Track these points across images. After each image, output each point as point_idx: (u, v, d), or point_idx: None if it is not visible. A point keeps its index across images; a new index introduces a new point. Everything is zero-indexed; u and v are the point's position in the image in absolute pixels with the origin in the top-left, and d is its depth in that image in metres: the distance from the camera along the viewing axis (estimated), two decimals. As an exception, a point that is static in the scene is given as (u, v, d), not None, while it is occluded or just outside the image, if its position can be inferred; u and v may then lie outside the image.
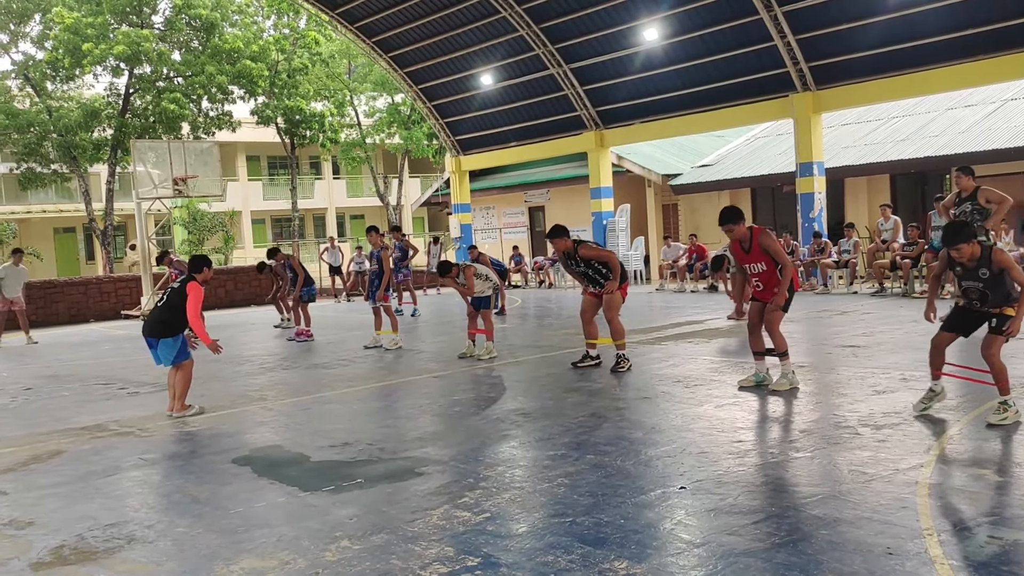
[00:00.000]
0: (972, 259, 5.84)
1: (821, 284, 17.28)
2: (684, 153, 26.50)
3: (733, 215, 7.47)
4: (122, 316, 21.74)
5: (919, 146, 19.90)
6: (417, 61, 25.57)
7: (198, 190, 21.93)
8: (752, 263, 7.48)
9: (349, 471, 5.70)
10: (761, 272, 7.45)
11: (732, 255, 7.78)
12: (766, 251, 7.35)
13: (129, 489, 5.70)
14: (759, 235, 7.39)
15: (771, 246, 7.34)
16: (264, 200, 44.60)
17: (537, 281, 24.62)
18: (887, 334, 10.45)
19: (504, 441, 6.37)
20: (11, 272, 15.95)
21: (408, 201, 40.54)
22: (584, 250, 9.06)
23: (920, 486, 4.67)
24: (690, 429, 6.32)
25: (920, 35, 16.56)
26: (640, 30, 20.43)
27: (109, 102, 29.37)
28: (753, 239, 7.40)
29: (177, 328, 7.87)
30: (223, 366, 11.33)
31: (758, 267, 7.45)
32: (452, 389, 8.74)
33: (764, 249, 7.35)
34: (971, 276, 5.93)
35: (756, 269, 7.47)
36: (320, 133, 33.87)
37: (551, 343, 11.88)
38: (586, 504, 4.70)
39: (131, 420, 7.96)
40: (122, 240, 39.52)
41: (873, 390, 7.23)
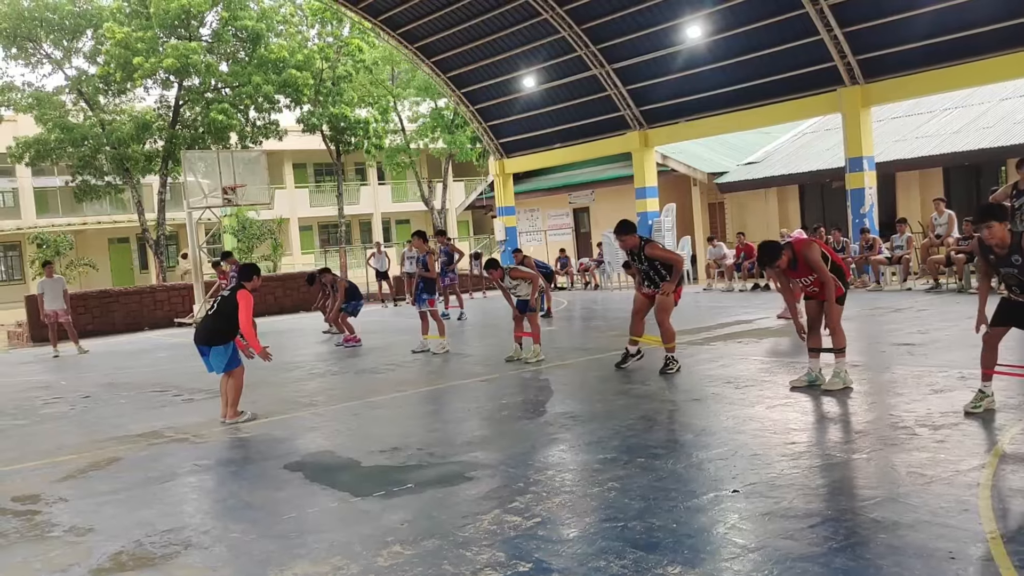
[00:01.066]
0: (1003, 245, 5.71)
1: (873, 281, 16.95)
2: (730, 151, 26.20)
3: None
4: (175, 324, 22.17)
5: (973, 138, 19.43)
6: (459, 65, 25.67)
7: (247, 199, 22.27)
8: (801, 277, 7.41)
9: (399, 476, 5.73)
10: (814, 280, 7.37)
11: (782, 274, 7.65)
12: (809, 263, 7.25)
13: (185, 495, 5.79)
14: (800, 251, 7.28)
15: (810, 256, 7.23)
16: (311, 207, 45.15)
17: (583, 283, 24.55)
18: (943, 331, 10.21)
19: (553, 445, 6.35)
20: (48, 285, 16.39)
21: (453, 205, 40.73)
22: (651, 249, 9.00)
23: (981, 488, 4.54)
24: (742, 431, 6.23)
25: (969, 25, 16.15)
26: (682, 28, 20.26)
27: (160, 114, 30.00)
28: (798, 256, 7.29)
29: (228, 336, 7.99)
30: (273, 372, 11.48)
31: (807, 279, 7.39)
32: (500, 393, 8.75)
33: (807, 262, 7.26)
34: (1005, 263, 5.81)
35: (806, 281, 7.42)
36: (365, 139, 34.18)
37: (598, 345, 11.82)
38: (637, 508, 4.65)
39: (186, 426, 8.10)
40: (174, 249, 40.27)
41: (930, 389, 7.06)
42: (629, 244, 9.05)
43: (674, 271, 8.91)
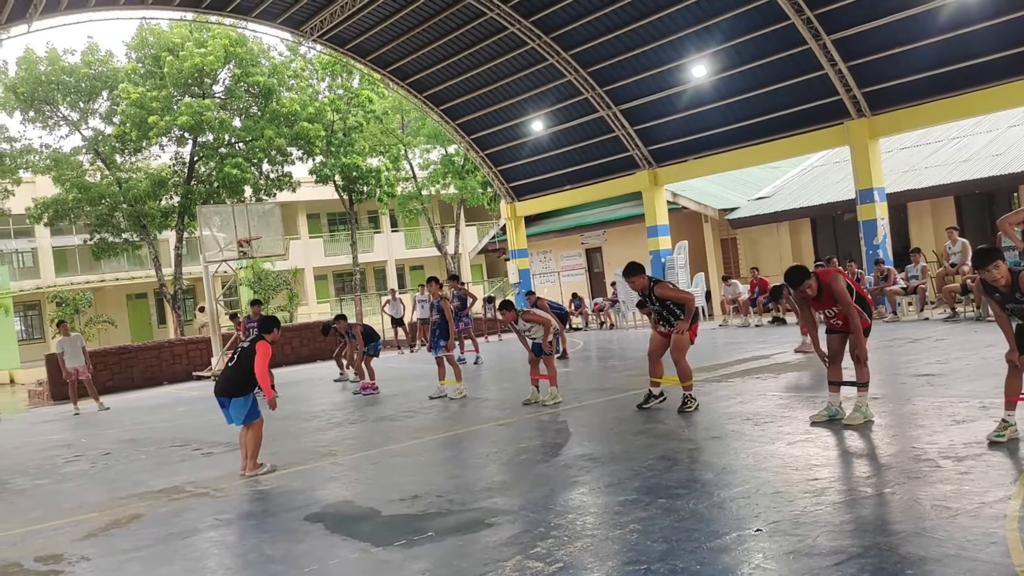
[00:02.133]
0: (1007, 284, 5.72)
1: (890, 312, 16.86)
2: (740, 186, 26.29)
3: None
4: (194, 377, 22.26)
5: (983, 165, 19.43)
6: (468, 112, 26.00)
7: (262, 251, 22.47)
8: (826, 309, 7.41)
9: (420, 524, 5.71)
10: (837, 313, 7.36)
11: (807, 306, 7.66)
12: (833, 293, 7.25)
13: (206, 550, 5.79)
14: (825, 282, 7.30)
15: (836, 288, 7.24)
16: (325, 256, 45.48)
17: (598, 323, 24.52)
18: (962, 360, 10.13)
19: (573, 488, 6.32)
20: (66, 343, 16.57)
21: (466, 249, 40.95)
22: (660, 290, 9.03)
23: (1009, 519, 4.48)
24: (763, 468, 6.18)
25: (973, 54, 16.26)
26: (688, 67, 20.48)
27: (175, 171, 30.47)
28: (823, 286, 7.30)
29: (248, 388, 8.04)
30: (292, 423, 11.51)
31: (832, 311, 7.37)
32: (518, 436, 8.72)
33: (832, 292, 7.26)
34: (1010, 300, 5.84)
35: (831, 313, 7.40)
36: (377, 188, 34.54)
37: (616, 385, 11.78)
38: (660, 550, 4.62)
39: (206, 481, 8.11)
40: (191, 303, 40.61)
41: (952, 420, 7.00)
42: (639, 286, 9.08)
43: (686, 310, 8.92)
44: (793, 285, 7.41)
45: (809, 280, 7.33)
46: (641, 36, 20.51)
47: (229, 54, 29.43)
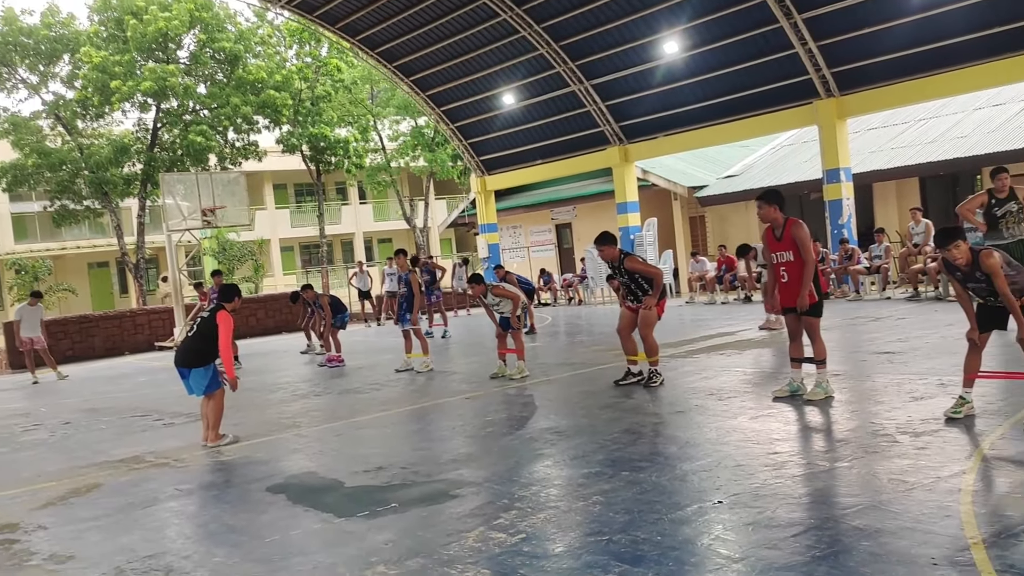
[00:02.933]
0: (967, 263, 5.81)
1: (853, 291, 17.07)
2: (709, 164, 26.40)
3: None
4: (156, 348, 22.01)
5: (948, 147, 19.67)
6: (439, 83, 25.77)
7: (226, 220, 22.21)
8: (781, 251, 7.49)
9: (384, 496, 5.70)
10: (788, 262, 7.45)
11: (764, 243, 7.77)
12: (795, 241, 7.34)
13: (166, 520, 5.74)
14: (792, 225, 7.40)
15: (801, 237, 7.33)
16: (292, 227, 45.05)
17: (567, 298, 24.59)
18: (922, 339, 10.29)
19: (538, 460, 6.34)
20: (27, 312, 16.33)
21: (435, 223, 40.75)
22: (630, 262, 9.06)
23: (963, 493, 4.57)
24: (725, 442, 6.25)
25: (943, 36, 16.38)
26: (660, 43, 20.44)
27: (138, 137, 29.92)
28: (786, 227, 7.41)
29: (209, 357, 7.94)
30: (256, 394, 11.43)
31: (786, 255, 7.45)
32: (484, 410, 8.73)
33: (793, 238, 7.35)
34: (971, 279, 5.93)
35: (783, 258, 7.48)
36: (345, 159, 34.20)
37: (583, 360, 11.83)
38: (622, 522, 4.65)
39: (167, 451, 8.03)
40: (154, 272, 40.07)
41: (910, 396, 7.11)
42: (608, 255, 9.09)
43: (654, 285, 8.96)
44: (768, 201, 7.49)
45: (777, 216, 7.46)
46: (614, 10, 20.40)
47: (194, 19, 28.87)
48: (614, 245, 9.11)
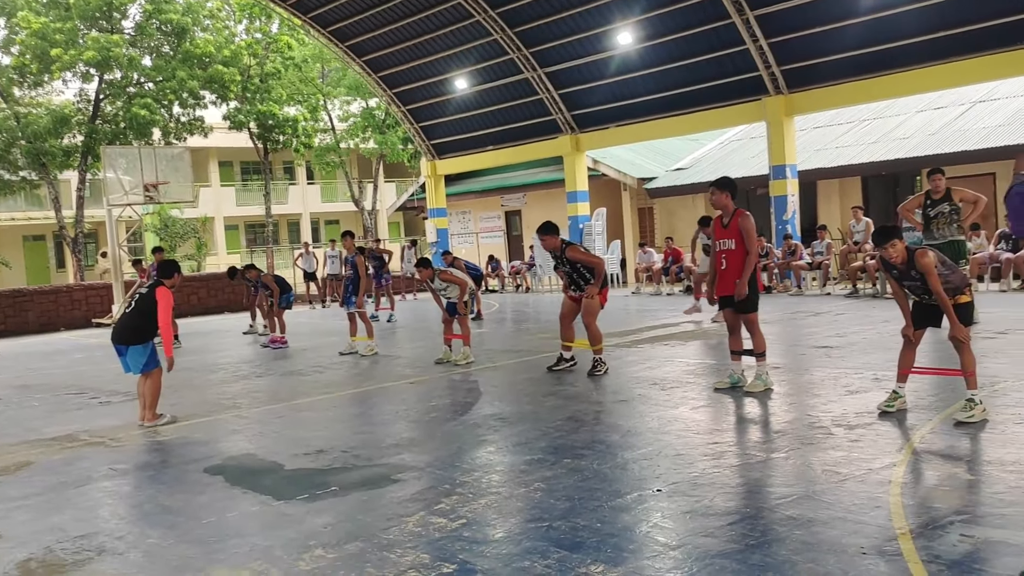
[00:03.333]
0: (903, 262, 5.97)
1: (795, 286, 17.40)
2: (659, 157, 26.62)
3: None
4: (93, 324, 21.49)
5: (890, 148, 20.12)
6: (391, 65, 25.51)
7: (169, 196, 21.75)
8: (726, 239, 7.62)
9: (324, 479, 5.65)
10: (730, 250, 7.57)
11: (712, 230, 7.88)
12: (740, 231, 7.48)
13: (99, 500, 5.61)
14: (740, 215, 7.53)
15: (747, 228, 7.46)
16: (237, 206, 44.26)
17: (514, 285, 24.62)
18: (860, 335, 10.54)
19: (481, 446, 6.35)
20: None
21: (383, 206, 40.41)
22: (572, 252, 9.13)
23: (893, 485, 4.70)
24: (666, 432, 6.32)
25: (892, 38, 16.72)
26: (614, 34, 20.51)
27: (79, 108, 29.06)
28: (734, 216, 7.54)
29: (146, 334, 7.78)
30: (196, 374, 11.24)
31: (729, 243, 7.58)
32: (429, 395, 8.71)
33: (739, 228, 7.48)
34: (906, 277, 6.09)
35: (726, 245, 7.60)
36: (293, 138, 33.69)
37: (528, 347, 11.87)
38: (563, 508, 4.68)
39: (102, 430, 7.86)
40: (93, 247, 39.07)
41: (846, 390, 7.28)
42: (550, 245, 9.17)
43: (596, 274, 9.04)
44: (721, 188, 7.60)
45: (728, 203, 7.58)
46: (569, -1, 20.43)
47: (141, -12, 28.10)
48: (556, 235, 9.18)
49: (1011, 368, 7.60)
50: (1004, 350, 8.60)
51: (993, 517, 4.13)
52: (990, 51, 15.62)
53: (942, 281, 5.91)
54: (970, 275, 12.48)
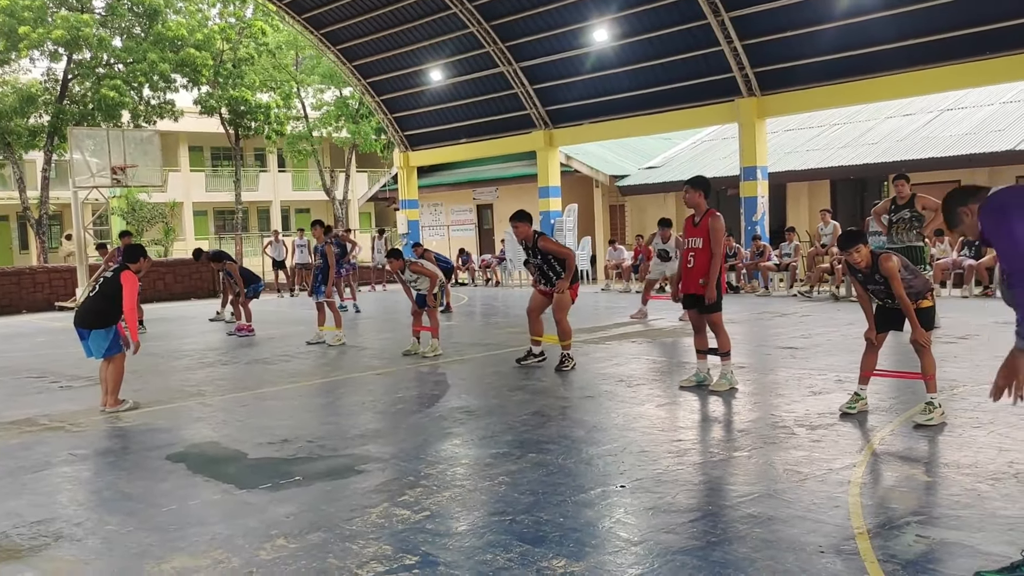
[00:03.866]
0: (867, 266, 6.06)
1: (762, 287, 17.57)
2: (632, 155, 26.72)
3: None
4: (56, 308, 21.16)
5: (859, 153, 20.37)
6: (366, 54, 25.35)
7: (137, 180, 21.47)
8: (694, 237, 7.67)
9: (287, 468, 5.62)
10: (697, 249, 7.62)
11: (683, 228, 7.92)
12: (709, 230, 7.52)
13: (58, 485, 5.53)
14: (710, 215, 7.57)
15: (715, 228, 7.49)
16: (207, 192, 43.79)
17: (484, 279, 24.61)
18: (824, 336, 10.67)
19: (447, 439, 6.34)
20: None
21: (355, 196, 40.18)
22: (543, 242, 9.15)
23: (852, 485, 4.77)
24: (631, 428, 6.36)
25: (865, 44, 16.90)
26: (590, 31, 20.54)
27: (46, 87, 28.54)
28: (705, 216, 7.58)
29: (110, 319, 7.68)
30: (160, 360, 11.11)
31: (697, 242, 7.63)
32: (396, 386, 8.69)
33: (708, 228, 7.52)
34: (870, 281, 6.17)
35: (695, 244, 7.66)
36: (265, 125, 33.34)
37: (497, 341, 11.87)
38: (527, 502, 4.70)
39: (62, 414, 7.75)
40: (57, 229, 38.47)
41: (809, 391, 7.37)
42: (523, 233, 9.17)
43: (567, 266, 9.05)
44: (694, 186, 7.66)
45: (700, 202, 7.63)
46: (547, -6, 20.42)
47: (113, -32, 27.65)
48: (529, 224, 9.20)
49: (970, 373, 7.74)
50: (963, 355, 8.75)
51: (949, 519, 4.21)
52: (959, 60, 15.87)
53: (905, 286, 6.00)
54: (933, 280, 12.69)
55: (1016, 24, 15.02)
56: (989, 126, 18.96)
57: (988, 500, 4.43)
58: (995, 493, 4.53)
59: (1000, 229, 3.35)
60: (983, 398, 6.71)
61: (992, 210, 3.40)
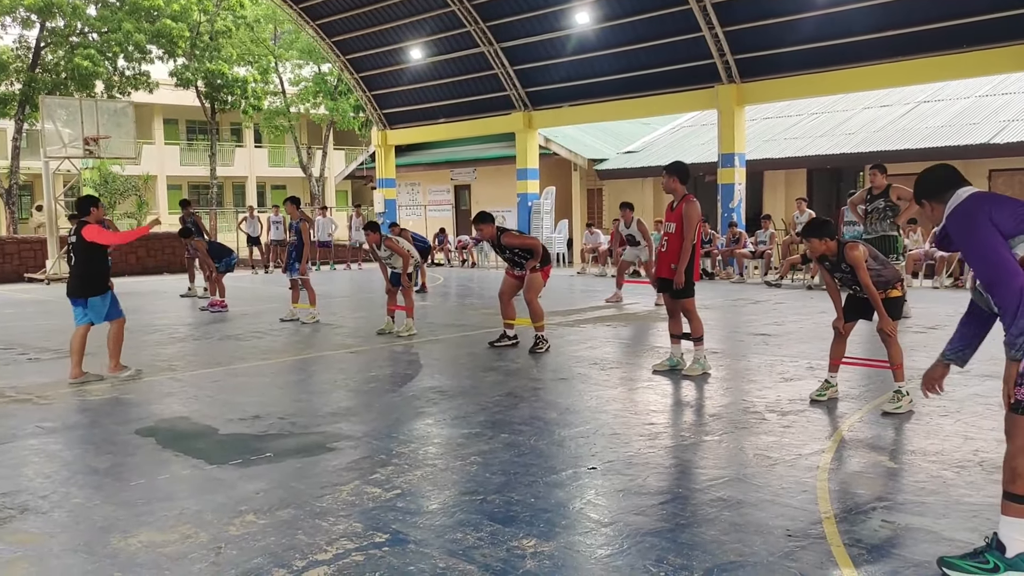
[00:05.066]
0: (834, 254, 6.11)
1: (737, 274, 17.67)
2: (610, 139, 26.71)
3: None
4: (25, 279, 20.86)
5: (836, 143, 20.49)
6: (346, 31, 25.08)
7: (110, 151, 21.17)
8: (669, 221, 7.70)
9: (258, 445, 5.59)
10: (670, 234, 7.64)
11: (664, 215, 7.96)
12: (682, 216, 7.52)
13: (25, 458, 5.47)
14: (686, 201, 7.56)
15: (688, 214, 7.49)
16: (181, 165, 43.27)
17: (460, 260, 24.56)
18: (797, 323, 10.76)
19: (419, 418, 6.34)
20: None
21: (332, 173, 39.87)
22: (507, 239, 9.32)
23: (820, 471, 4.82)
24: (604, 411, 6.39)
25: (845, 33, 16.95)
26: (571, 13, 20.45)
27: (18, 55, 27.99)
28: (681, 201, 7.58)
29: (100, 281, 7.70)
30: (132, 334, 10.94)
31: (671, 226, 7.66)
32: (369, 365, 8.66)
33: (682, 213, 7.52)
34: (837, 269, 6.22)
35: (669, 228, 7.69)
36: (242, 99, 32.96)
37: (471, 322, 11.86)
38: (498, 483, 4.70)
39: (30, 387, 7.65)
40: (28, 200, 37.87)
41: (781, 377, 7.44)
42: (487, 234, 9.36)
43: (534, 254, 9.17)
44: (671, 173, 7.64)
45: (676, 187, 7.60)
46: (529, -25, 20.29)
47: (88, -66, 27.11)
48: (491, 224, 9.32)
49: (939, 362, 7.82)
50: (932, 345, 8.84)
51: (914, 505, 4.26)
52: (937, 52, 15.97)
53: (873, 275, 6.05)
54: (906, 271, 12.82)
55: (993, 18, 15.13)
56: (964, 119, 19.14)
57: (953, 487, 4.50)
58: (960, 481, 4.60)
59: (967, 239, 3.38)
60: (950, 387, 6.80)
61: (959, 216, 3.44)
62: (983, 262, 3.33)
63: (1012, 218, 3.31)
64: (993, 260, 3.28)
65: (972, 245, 3.36)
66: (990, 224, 3.30)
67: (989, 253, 3.29)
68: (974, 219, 3.35)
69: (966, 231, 3.38)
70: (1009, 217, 3.31)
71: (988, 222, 3.30)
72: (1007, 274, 3.24)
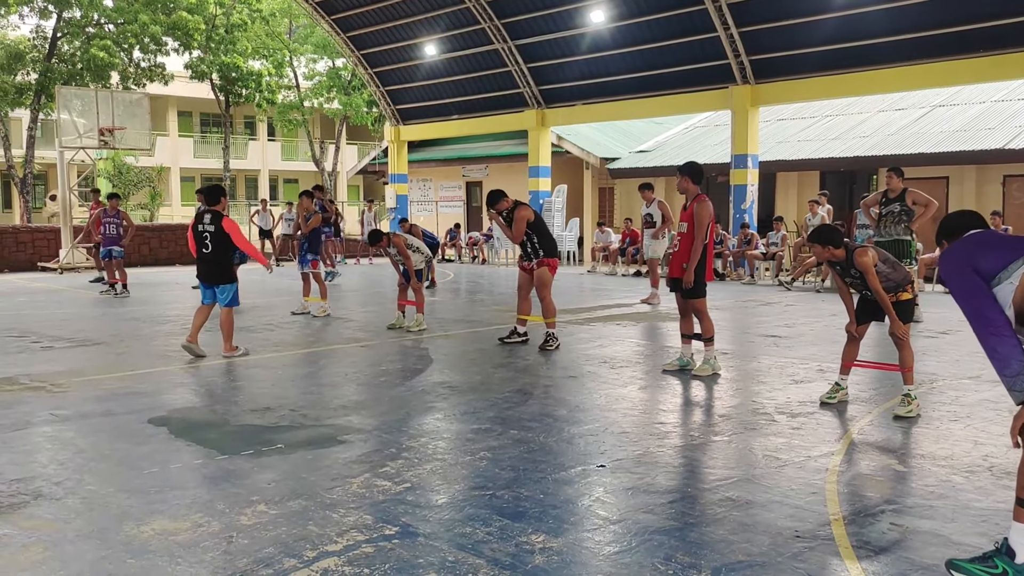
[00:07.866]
0: (844, 258, 6.12)
1: (748, 275, 17.64)
2: (623, 138, 26.68)
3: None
4: (39, 268, 21.00)
5: (850, 145, 20.42)
6: (361, 26, 25.12)
7: (125, 142, 21.26)
8: (683, 221, 7.72)
9: (270, 436, 5.63)
10: (683, 233, 7.67)
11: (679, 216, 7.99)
12: (693, 215, 7.53)
13: (39, 444, 5.52)
14: (697, 200, 7.58)
15: (699, 214, 7.50)
16: (195, 158, 43.40)
17: (471, 256, 24.59)
18: (808, 326, 10.74)
19: (429, 413, 6.36)
20: None
21: (344, 168, 39.93)
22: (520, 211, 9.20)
23: (830, 473, 4.82)
24: (613, 409, 6.40)
25: (861, 36, 16.88)
26: (586, 11, 20.43)
27: (35, 45, 28.18)
28: (693, 200, 7.60)
29: (231, 272, 8.64)
30: (145, 325, 11.07)
31: (683, 226, 7.68)
32: (379, 359, 8.69)
33: (692, 212, 7.53)
34: (847, 274, 6.22)
35: (681, 228, 7.71)
36: (256, 92, 33.06)
37: (481, 318, 11.88)
38: (507, 478, 4.72)
39: (43, 375, 7.71)
40: (42, 189, 38.09)
41: (791, 379, 7.43)
42: (503, 207, 9.25)
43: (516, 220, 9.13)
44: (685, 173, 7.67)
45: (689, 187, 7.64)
46: (545, -28, 20.28)
47: (105, -74, 27.24)
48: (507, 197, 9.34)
49: (949, 367, 7.83)
50: (943, 349, 8.84)
51: (922, 508, 4.26)
52: (953, 56, 15.89)
53: (883, 279, 6.04)
54: (918, 275, 12.77)
55: (1009, 23, 15.04)
56: (980, 124, 19.04)
57: (962, 492, 4.49)
58: (969, 485, 4.60)
59: (951, 283, 3.50)
60: (961, 392, 6.80)
61: (948, 260, 3.54)
62: (966, 315, 3.42)
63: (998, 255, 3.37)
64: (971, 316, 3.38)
65: (956, 296, 3.46)
66: (972, 275, 3.36)
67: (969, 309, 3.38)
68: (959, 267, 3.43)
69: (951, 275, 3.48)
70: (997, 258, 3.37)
71: (971, 273, 3.37)
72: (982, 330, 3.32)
